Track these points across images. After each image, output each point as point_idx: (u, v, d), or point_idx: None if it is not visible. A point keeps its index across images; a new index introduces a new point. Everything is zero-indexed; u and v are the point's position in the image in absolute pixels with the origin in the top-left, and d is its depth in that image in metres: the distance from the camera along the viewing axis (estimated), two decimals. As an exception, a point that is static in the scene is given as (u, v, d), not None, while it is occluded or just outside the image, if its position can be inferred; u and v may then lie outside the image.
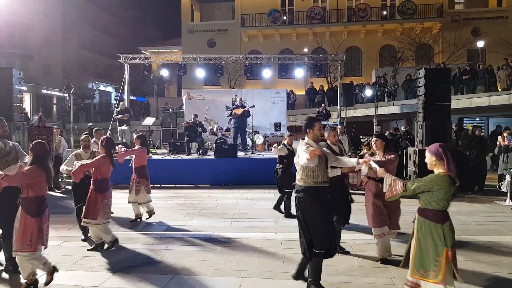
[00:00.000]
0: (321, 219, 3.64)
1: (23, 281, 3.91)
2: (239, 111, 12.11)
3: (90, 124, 12.81)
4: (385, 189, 3.46)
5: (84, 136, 5.95)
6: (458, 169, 3.18)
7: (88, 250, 5.15)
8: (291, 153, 6.54)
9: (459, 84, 17.44)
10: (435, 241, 3.05)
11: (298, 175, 3.75)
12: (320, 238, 3.61)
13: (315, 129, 3.73)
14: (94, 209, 5.02)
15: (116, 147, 6.07)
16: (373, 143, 4.85)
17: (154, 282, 4.13)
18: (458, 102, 15.88)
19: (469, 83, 17.22)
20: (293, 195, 3.92)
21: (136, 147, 6.78)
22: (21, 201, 3.89)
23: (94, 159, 5.19)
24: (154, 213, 6.71)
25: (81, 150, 5.86)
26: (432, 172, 3.22)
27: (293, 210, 5.51)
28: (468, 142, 9.63)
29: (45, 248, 3.93)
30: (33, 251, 3.76)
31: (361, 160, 4.05)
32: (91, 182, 5.19)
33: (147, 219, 6.66)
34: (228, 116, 12.62)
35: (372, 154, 4.74)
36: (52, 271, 3.90)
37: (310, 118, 3.89)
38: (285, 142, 6.90)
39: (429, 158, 3.19)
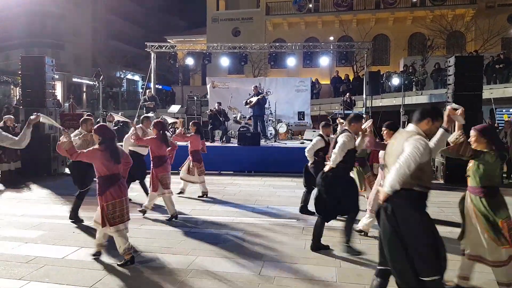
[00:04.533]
0: (429, 233, 2.77)
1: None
2: (253, 99, 12.20)
3: (103, 110, 13.42)
4: (452, 139, 3.34)
5: (89, 118, 6.16)
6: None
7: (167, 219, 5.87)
8: (328, 144, 5.86)
9: (492, 73, 16.75)
10: (495, 213, 3.37)
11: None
12: (429, 259, 2.71)
13: (436, 125, 3.00)
14: (153, 183, 5.88)
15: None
16: None
17: (178, 263, 4.28)
18: (491, 92, 15.26)
19: (503, 72, 16.51)
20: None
21: (192, 132, 7.54)
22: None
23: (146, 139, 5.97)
24: (207, 195, 7.48)
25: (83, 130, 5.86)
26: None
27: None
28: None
29: (101, 227, 4.12)
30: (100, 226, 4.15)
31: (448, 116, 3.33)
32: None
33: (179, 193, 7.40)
34: (245, 106, 12.69)
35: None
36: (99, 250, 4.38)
37: (436, 108, 3.11)
38: (320, 132, 6.16)
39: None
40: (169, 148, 6.09)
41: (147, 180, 6.44)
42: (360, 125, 4.57)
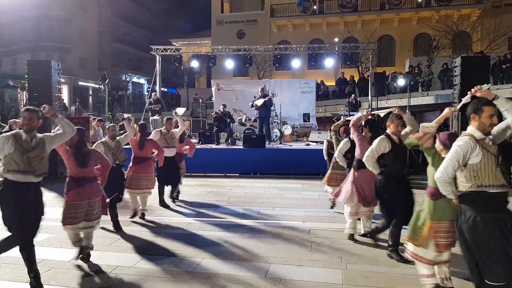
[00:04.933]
0: (493, 238, 2.67)
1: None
2: (260, 101, 12.21)
3: (109, 113, 13.68)
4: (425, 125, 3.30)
5: (111, 125, 6.02)
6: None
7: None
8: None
9: (499, 73, 16.61)
10: (425, 213, 3.46)
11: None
12: (494, 264, 2.66)
13: (484, 115, 2.80)
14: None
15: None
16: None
17: (184, 265, 4.28)
18: (498, 92, 15.12)
19: (509, 72, 16.36)
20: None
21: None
22: None
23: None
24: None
25: (107, 139, 5.69)
26: None
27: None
28: None
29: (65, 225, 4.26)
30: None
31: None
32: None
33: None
34: (251, 107, 12.70)
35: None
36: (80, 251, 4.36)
37: (475, 100, 2.93)
38: (351, 136, 5.85)
39: (438, 146, 3.39)
40: (156, 152, 6.20)
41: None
42: (398, 123, 4.27)
